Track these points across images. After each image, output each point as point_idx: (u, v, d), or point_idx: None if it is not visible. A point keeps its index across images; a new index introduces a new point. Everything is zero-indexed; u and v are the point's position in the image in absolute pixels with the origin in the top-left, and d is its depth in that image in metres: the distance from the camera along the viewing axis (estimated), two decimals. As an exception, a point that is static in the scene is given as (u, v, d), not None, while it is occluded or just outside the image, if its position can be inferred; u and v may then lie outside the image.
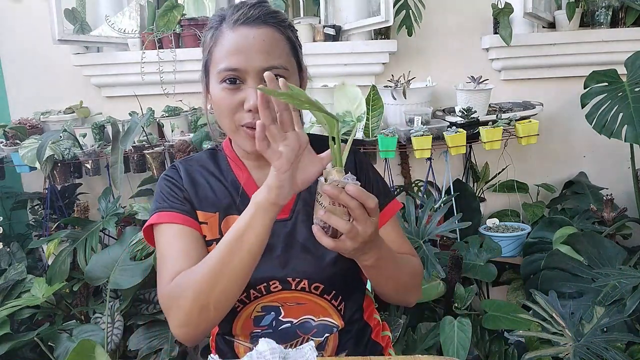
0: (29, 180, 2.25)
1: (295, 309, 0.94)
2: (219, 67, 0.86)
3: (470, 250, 1.90)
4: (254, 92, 0.83)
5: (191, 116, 2.08)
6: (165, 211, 0.91)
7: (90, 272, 1.74)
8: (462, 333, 1.57)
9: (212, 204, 0.93)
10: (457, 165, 2.25)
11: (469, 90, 1.95)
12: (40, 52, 2.16)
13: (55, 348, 1.66)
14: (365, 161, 1.02)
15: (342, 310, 0.97)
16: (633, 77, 1.81)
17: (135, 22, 2.13)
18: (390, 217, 0.99)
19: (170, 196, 0.93)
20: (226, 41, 0.86)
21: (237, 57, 0.84)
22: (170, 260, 0.87)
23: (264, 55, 0.84)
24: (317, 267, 0.92)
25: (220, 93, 0.86)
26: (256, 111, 0.83)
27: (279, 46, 0.87)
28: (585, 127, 1.86)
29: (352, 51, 2.07)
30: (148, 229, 0.93)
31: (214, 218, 0.93)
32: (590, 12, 2.11)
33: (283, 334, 0.94)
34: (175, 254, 0.87)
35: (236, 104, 0.86)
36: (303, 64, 0.95)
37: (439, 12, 2.14)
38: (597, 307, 1.52)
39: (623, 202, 2.08)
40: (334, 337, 0.97)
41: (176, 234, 0.90)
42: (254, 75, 0.84)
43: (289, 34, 0.90)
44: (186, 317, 0.79)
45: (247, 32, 0.85)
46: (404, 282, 0.92)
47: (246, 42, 0.85)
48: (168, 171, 0.98)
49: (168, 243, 0.89)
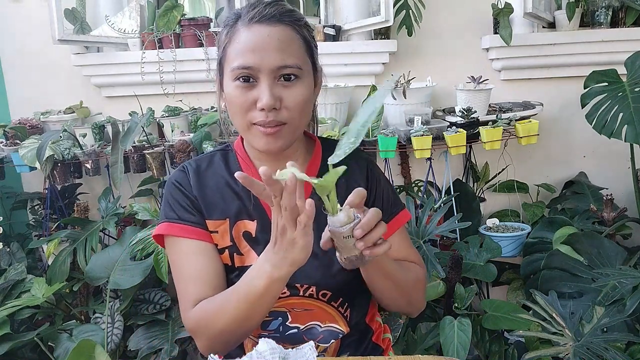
0: (29, 180, 2.25)
1: (303, 314, 0.94)
2: (233, 64, 0.85)
3: (470, 250, 1.90)
4: (266, 91, 0.83)
5: (191, 116, 2.08)
6: (175, 222, 0.91)
7: (90, 272, 1.75)
8: (462, 333, 1.56)
9: (222, 210, 0.93)
10: (457, 165, 2.25)
11: (469, 90, 1.95)
12: (40, 52, 2.16)
13: (55, 348, 1.65)
14: (377, 173, 1.01)
15: (347, 316, 0.96)
16: (633, 77, 1.81)
17: (135, 22, 2.13)
18: (398, 228, 0.99)
19: (179, 206, 0.92)
20: (241, 39, 0.85)
21: (251, 55, 0.83)
22: (189, 282, 0.89)
23: (279, 54, 0.84)
24: (325, 274, 0.91)
25: (234, 91, 0.85)
26: (269, 110, 0.83)
27: (294, 45, 0.86)
28: (585, 127, 1.86)
29: (352, 51, 2.07)
30: (159, 236, 0.94)
31: (225, 225, 0.92)
32: (590, 12, 2.11)
33: (289, 339, 0.94)
34: (193, 274, 0.89)
35: (249, 102, 0.85)
36: (318, 65, 0.94)
37: (439, 12, 2.14)
38: (597, 307, 1.52)
39: (623, 202, 2.08)
40: (337, 341, 0.97)
41: (190, 251, 0.90)
42: (268, 73, 0.83)
43: (305, 34, 0.89)
44: (212, 345, 0.87)
45: (262, 30, 0.84)
46: (404, 289, 0.92)
47: (261, 40, 0.84)
48: (177, 175, 0.96)
49: (183, 261, 0.91)
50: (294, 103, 0.85)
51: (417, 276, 0.96)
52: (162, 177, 1.98)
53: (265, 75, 0.83)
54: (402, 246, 0.99)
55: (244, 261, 0.92)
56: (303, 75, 0.87)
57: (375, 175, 1.00)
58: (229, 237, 0.92)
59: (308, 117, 0.92)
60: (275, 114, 0.84)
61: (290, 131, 0.87)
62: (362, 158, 1.01)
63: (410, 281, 0.93)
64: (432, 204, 1.85)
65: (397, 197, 1.04)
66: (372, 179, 0.98)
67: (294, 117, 0.86)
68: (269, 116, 0.84)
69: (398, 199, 1.03)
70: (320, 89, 0.97)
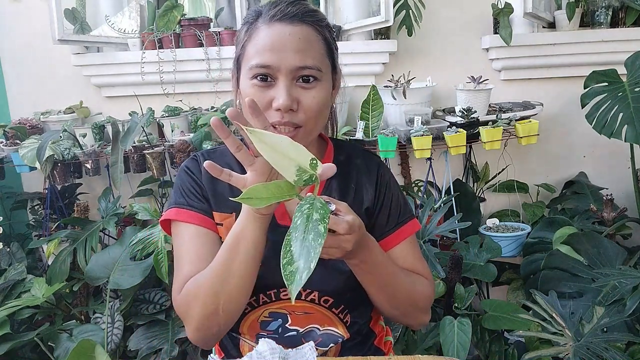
0: (29, 180, 2.25)
1: (303, 317, 0.93)
2: (251, 62, 0.83)
3: (470, 250, 1.90)
4: (284, 91, 0.81)
5: (191, 116, 2.08)
6: (183, 208, 0.91)
7: (90, 272, 1.74)
8: (462, 333, 1.56)
9: (229, 204, 0.91)
10: (457, 165, 2.25)
11: (469, 90, 1.95)
12: (40, 52, 2.16)
13: (55, 348, 1.65)
14: (387, 177, 0.98)
15: (347, 322, 0.96)
16: (633, 77, 1.81)
17: (135, 22, 2.13)
18: (405, 238, 0.96)
19: (190, 192, 0.92)
20: (260, 37, 0.83)
21: (270, 53, 0.82)
22: (186, 263, 0.88)
23: (298, 54, 0.82)
24: (329, 281, 0.90)
25: (250, 89, 0.83)
26: (285, 111, 0.81)
27: (315, 46, 0.85)
28: (585, 127, 1.86)
29: (352, 51, 2.06)
30: (166, 221, 0.93)
31: (230, 219, 0.91)
32: (590, 12, 2.11)
33: (288, 341, 0.93)
34: (189, 258, 0.88)
35: (265, 102, 0.83)
36: (338, 67, 0.93)
37: (439, 12, 2.14)
38: (597, 307, 1.52)
39: (623, 202, 2.08)
40: (337, 345, 0.96)
41: (192, 235, 0.90)
42: (287, 73, 0.82)
43: (326, 34, 0.88)
44: (198, 323, 0.82)
45: (283, 28, 0.83)
46: (401, 297, 0.90)
47: (281, 39, 0.82)
48: (189, 162, 0.96)
49: (184, 245, 0.90)
50: (311, 106, 0.83)
51: (422, 289, 0.93)
52: (162, 177, 1.98)
53: (284, 76, 0.82)
54: (409, 258, 0.95)
55: None
56: (322, 78, 0.85)
57: (386, 179, 0.97)
58: None
59: (324, 120, 0.91)
60: (291, 116, 0.82)
61: (305, 135, 0.85)
62: (374, 161, 0.99)
63: (410, 284, 0.91)
64: (432, 204, 1.85)
65: (408, 205, 1.00)
66: (381, 184, 0.96)
67: (310, 121, 0.84)
68: (285, 117, 0.82)
69: (408, 208, 1.00)
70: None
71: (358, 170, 0.96)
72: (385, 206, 0.95)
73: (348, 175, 0.95)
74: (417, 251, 0.98)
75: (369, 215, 0.95)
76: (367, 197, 0.95)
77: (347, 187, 0.94)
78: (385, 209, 0.95)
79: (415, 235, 0.99)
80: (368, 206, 0.94)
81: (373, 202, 0.95)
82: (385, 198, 0.96)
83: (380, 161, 1.01)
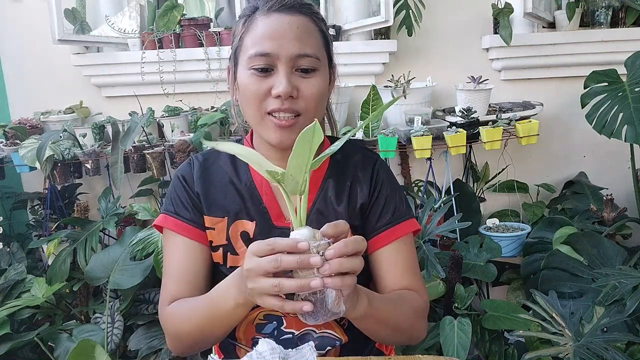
0: (29, 180, 2.25)
1: (297, 320, 0.92)
2: (250, 52, 0.83)
3: (470, 250, 1.90)
4: (284, 78, 0.81)
5: (191, 116, 2.08)
6: (171, 216, 0.93)
7: (90, 272, 1.75)
8: (462, 333, 1.56)
9: (222, 208, 0.92)
10: (457, 165, 2.25)
11: (469, 90, 1.95)
12: (40, 52, 2.16)
13: (55, 348, 1.66)
14: (383, 175, 0.95)
15: (345, 324, 0.94)
16: (633, 77, 1.81)
17: (135, 22, 2.13)
18: (396, 239, 0.91)
19: (179, 201, 0.93)
20: (259, 27, 0.84)
21: (269, 42, 0.82)
22: (170, 279, 0.91)
23: (298, 42, 0.82)
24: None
25: (249, 79, 0.84)
26: (285, 97, 0.82)
27: (313, 36, 0.86)
28: (585, 127, 1.86)
29: (352, 51, 2.06)
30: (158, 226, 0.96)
31: (222, 223, 0.92)
32: (590, 12, 2.11)
33: (284, 344, 0.93)
34: (175, 272, 0.91)
35: (264, 91, 0.83)
36: (334, 61, 0.93)
37: (439, 12, 2.14)
38: (597, 307, 1.52)
39: (623, 202, 2.08)
40: (335, 349, 0.95)
41: (179, 247, 0.91)
42: (286, 61, 0.82)
43: (322, 27, 0.89)
44: (178, 345, 0.89)
45: (281, 18, 0.83)
46: (397, 330, 0.86)
47: (280, 27, 0.83)
48: (183, 168, 0.96)
49: (170, 256, 0.92)
50: (310, 93, 0.84)
51: (415, 309, 0.88)
52: (162, 177, 1.98)
53: (283, 64, 0.82)
54: (398, 264, 0.90)
55: (237, 261, 0.91)
56: (320, 68, 0.85)
57: (382, 177, 0.95)
58: (225, 236, 0.91)
59: (322, 111, 0.91)
60: (291, 102, 0.83)
61: (304, 123, 0.82)
62: (372, 157, 0.98)
63: (408, 319, 0.87)
64: (432, 204, 1.85)
65: (405, 205, 0.96)
66: (377, 181, 0.94)
67: (309, 109, 0.85)
68: (285, 104, 0.82)
69: (405, 208, 0.95)
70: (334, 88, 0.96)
71: (355, 166, 0.95)
72: (378, 203, 0.93)
73: (344, 174, 0.95)
74: (409, 257, 0.93)
75: (363, 212, 0.94)
76: (362, 194, 0.93)
77: (343, 186, 0.94)
78: (378, 206, 0.93)
79: (410, 237, 0.95)
80: (363, 202, 0.93)
81: (367, 198, 0.93)
82: (379, 195, 0.93)
83: (379, 158, 0.99)
